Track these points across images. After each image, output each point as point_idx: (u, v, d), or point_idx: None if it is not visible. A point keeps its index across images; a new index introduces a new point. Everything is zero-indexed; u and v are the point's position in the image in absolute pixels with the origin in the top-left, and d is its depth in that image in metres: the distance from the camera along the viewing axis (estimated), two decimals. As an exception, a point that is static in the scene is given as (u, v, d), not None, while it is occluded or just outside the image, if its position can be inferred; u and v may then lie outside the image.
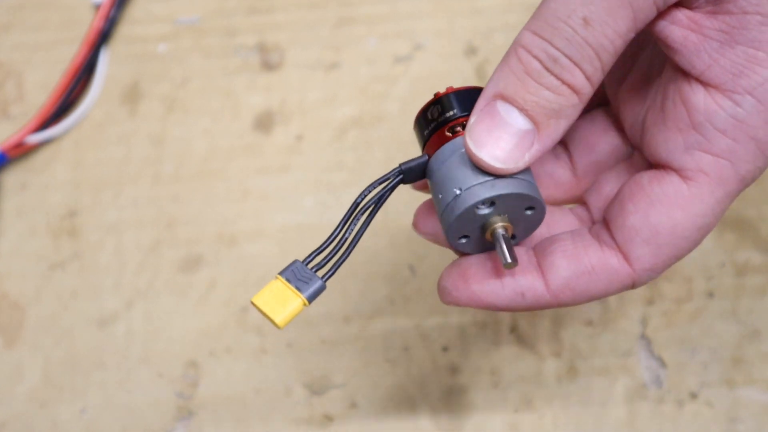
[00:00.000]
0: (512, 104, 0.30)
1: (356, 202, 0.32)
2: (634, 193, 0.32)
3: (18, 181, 0.51)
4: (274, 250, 0.49)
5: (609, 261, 0.32)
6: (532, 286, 0.32)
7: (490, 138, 0.30)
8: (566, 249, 0.32)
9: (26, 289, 0.49)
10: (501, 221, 0.32)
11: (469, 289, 0.33)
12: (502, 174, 0.31)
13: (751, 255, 0.46)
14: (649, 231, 0.31)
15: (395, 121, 0.51)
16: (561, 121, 0.30)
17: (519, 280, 0.32)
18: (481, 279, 0.33)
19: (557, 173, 0.36)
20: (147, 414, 0.46)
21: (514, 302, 0.32)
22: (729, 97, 0.30)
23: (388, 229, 0.49)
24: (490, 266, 0.33)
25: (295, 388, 0.46)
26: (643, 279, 0.32)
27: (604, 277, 0.32)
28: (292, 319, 0.31)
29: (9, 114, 0.53)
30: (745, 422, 0.43)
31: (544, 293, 0.32)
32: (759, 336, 0.45)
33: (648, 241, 0.31)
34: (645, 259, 0.32)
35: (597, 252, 0.32)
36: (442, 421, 0.45)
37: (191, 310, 0.48)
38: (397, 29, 0.53)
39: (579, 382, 0.45)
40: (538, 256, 0.33)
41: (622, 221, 0.32)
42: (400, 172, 0.33)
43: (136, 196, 0.50)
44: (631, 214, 0.32)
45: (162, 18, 0.55)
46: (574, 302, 0.33)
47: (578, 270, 0.32)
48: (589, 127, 0.36)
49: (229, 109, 0.52)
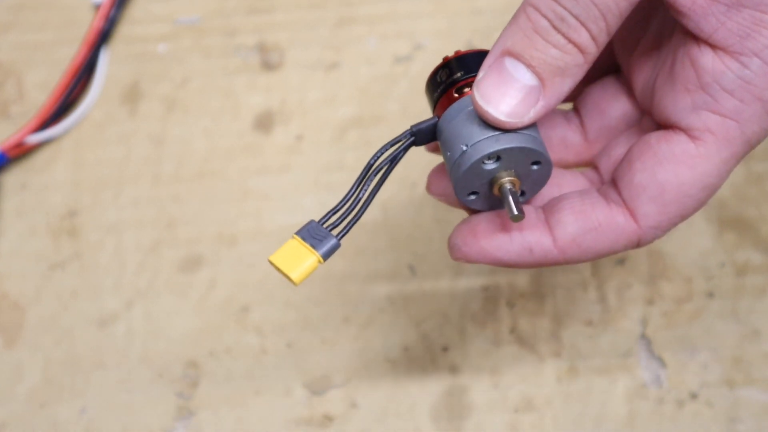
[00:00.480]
0: (520, 60, 0.31)
1: (369, 164, 0.33)
2: (642, 152, 0.33)
3: (18, 181, 0.51)
4: (274, 250, 0.49)
5: (616, 218, 0.33)
6: (539, 241, 0.33)
7: (497, 92, 0.31)
8: (574, 206, 0.33)
9: (26, 289, 0.49)
10: (508, 176, 0.32)
11: (478, 244, 0.33)
12: (508, 128, 0.32)
13: (751, 255, 0.46)
14: (656, 188, 0.32)
15: (395, 121, 0.51)
16: (566, 79, 0.31)
17: (527, 235, 0.33)
18: (490, 234, 0.33)
19: (568, 137, 0.37)
20: (147, 414, 0.46)
21: (522, 257, 0.33)
22: (736, 59, 0.31)
23: (388, 229, 0.49)
24: (499, 222, 0.34)
25: (295, 388, 0.46)
26: (649, 237, 0.33)
27: (611, 234, 0.33)
28: (307, 276, 0.32)
29: (9, 114, 0.53)
30: (745, 422, 0.43)
31: (551, 249, 0.33)
32: (759, 336, 0.45)
33: (654, 198, 0.32)
34: (651, 216, 0.32)
35: (604, 209, 0.33)
36: (442, 421, 0.45)
37: (191, 310, 0.48)
38: (397, 29, 0.53)
39: (579, 382, 0.45)
40: (546, 213, 0.34)
41: (629, 179, 0.33)
42: (412, 133, 0.34)
43: (136, 196, 0.50)
44: (639, 171, 0.32)
45: (162, 18, 0.55)
46: (580, 259, 0.33)
47: (585, 226, 0.33)
48: (600, 93, 0.37)
49: (229, 109, 0.52)
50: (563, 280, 0.47)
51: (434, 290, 0.47)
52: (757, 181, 0.48)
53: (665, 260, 0.47)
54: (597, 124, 0.37)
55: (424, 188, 0.49)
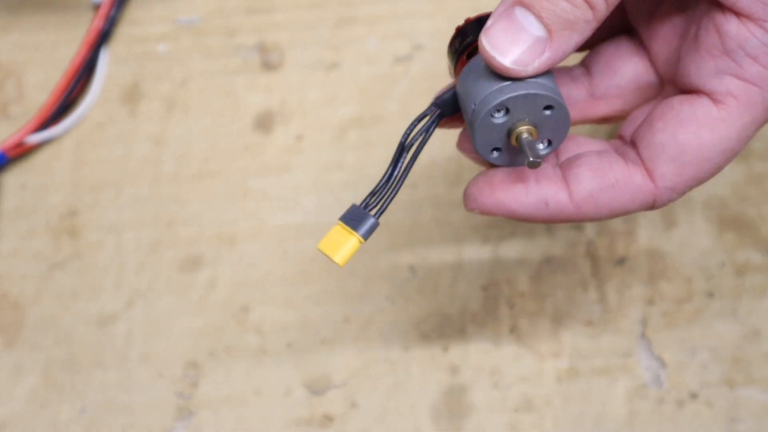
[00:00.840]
0: (530, 10, 0.32)
1: (401, 143, 0.34)
2: (664, 113, 0.33)
3: (18, 181, 0.51)
4: (274, 250, 0.49)
5: (633, 176, 0.33)
6: (555, 195, 0.33)
7: (505, 40, 0.32)
8: (592, 163, 0.34)
9: (26, 289, 0.49)
10: (522, 125, 0.33)
11: (494, 195, 0.34)
12: (513, 75, 0.32)
13: (751, 255, 0.46)
14: (676, 149, 0.32)
15: (395, 121, 0.51)
16: (574, 34, 0.32)
17: (543, 188, 0.33)
18: (506, 186, 0.34)
19: (573, 94, 0.37)
20: (147, 414, 0.46)
21: (537, 210, 0.34)
22: (761, 26, 0.31)
23: (388, 229, 0.49)
24: (516, 175, 0.34)
25: (295, 388, 0.46)
26: (664, 198, 0.33)
27: (627, 192, 0.33)
28: (350, 257, 0.33)
29: (9, 114, 0.53)
30: (745, 422, 0.43)
31: (567, 203, 0.33)
32: (759, 336, 0.45)
33: (673, 158, 0.33)
34: (668, 176, 0.33)
35: (622, 167, 0.33)
36: (442, 421, 0.45)
37: (191, 310, 0.48)
38: (397, 29, 0.53)
39: (579, 382, 0.45)
40: (564, 170, 0.34)
41: (650, 138, 0.33)
42: (436, 105, 0.34)
43: (136, 196, 0.50)
44: (660, 132, 0.33)
45: (162, 18, 0.55)
46: (595, 215, 0.34)
47: (602, 183, 0.33)
48: (613, 52, 0.38)
49: (229, 109, 0.52)
50: (563, 280, 0.47)
51: (434, 290, 0.47)
52: (757, 181, 0.48)
53: (665, 260, 0.47)
54: (607, 81, 0.37)
55: (424, 188, 0.49)
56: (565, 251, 0.47)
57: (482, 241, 0.48)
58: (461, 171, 0.50)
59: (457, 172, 0.49)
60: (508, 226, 0.48)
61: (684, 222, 0.47)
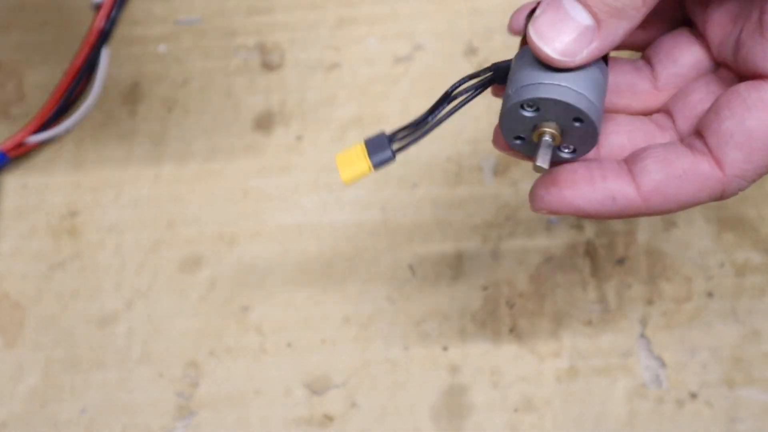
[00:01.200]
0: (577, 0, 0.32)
1: (448, 92, 0.34)
2: (730, 100, 0.33)
3: (18, 181, 0.51)
4: (274, 250, 0.49)
5: (700, 166, 0.33)
6: (622, 190, 0.33)
7: (552, 30, 0.31)
8: (658, 155, 0.33)
9: (27, 289, 0.49)
10: (548, 127, 0.32)
11: (560, 193, 0.33)
12: (560, 66, 0.32)
13: (751, 255, 0.46)
14: (744, 135, 0.32)
15: (395, 121, 0.51)
16: (622, 22, 0.31)
17: (610, 183, 0.33)
18: (572, 184, 0.33)
19: (637, 84, 0.37)
20: (147, 414, 0.46)
21: (605, 206, 0.33)
22: None
23: (388, 229, 0.49)
24: (581, 173, 0.33)
25: (295, 388, 0.46)
26: (733, 186, 0.33)
27: (695, 182, 0.33)
28: (355, 179, 0.33)
29: (9, 114, 0.53)
30: (745, 422, 0.43)
31: (635, 197, 0.33)
32: (759, 336, 0.45)
33: (741, 145, 0.32)
34: (737, 164, 0.32)
35: (689, 157, 0.33)
36: (442, 421, 0.45)
37: (191, 310, 0.48)
38: (397, 29, 0.53)
39: (579, 382, 0.45)
40: (629, 164, 0.34)
41: (717, 126, 0.33)
42: (492, 69, 0.34)
43: (137, 196, 0.51)
44: (727, 119, 0.32)
45: (162, 18, 0.55)
46: (663, 208, 0.33)
47: (669, 174, 0.33)
48: (672, 42, 0.37)
49: (229, 109, 0.52)
50: (563, 280, 0.47)
51: (434, 290, 0.47)
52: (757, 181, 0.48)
53: (665, 260, 0.47)
54: (668, 71, 0.37)
55: (424, 188, 0.49)
56: (565, 251, 0.47)
57: (482, 241, 0.48)
58: (461, 171, 0.50)
59: (457, 172, 0.50)
60: (508, 226, 0.48)
61: (683, 222, 0.47)
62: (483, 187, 0.49)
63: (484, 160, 0.50)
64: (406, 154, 0.34)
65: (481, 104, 0.51)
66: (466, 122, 0.50)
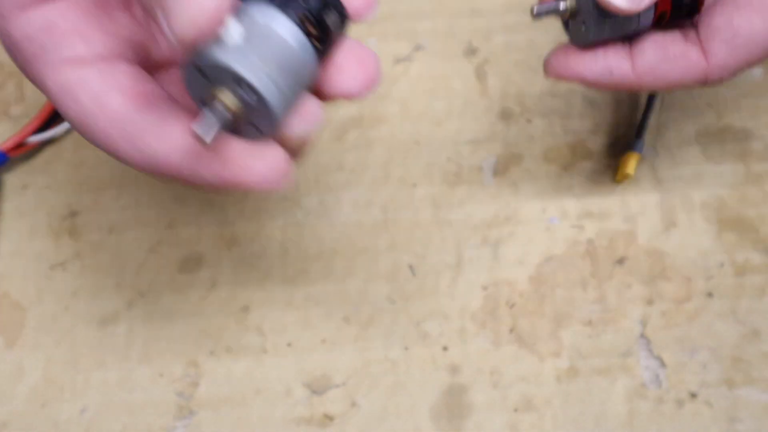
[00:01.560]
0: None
1: None
2: (725, 1, 0.37)
3: (19, 181, 0.51)
4: (274, 250, 0.49)
5: (689, 53, 0.37)
6: (620, 65, 0.38)
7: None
8: (656, 40, 0.38)
9: (27, 289, 0.49)
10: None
11: (567, 63, 0.39)
12: (627, 14, 0.36)
13: (751, 255, 0.46)
14: (730, 32, 0.37)
15: (395, 121, 0.51)
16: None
17: (610, 58, 0.38)
18: (578, 56, 0.39)
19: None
20: (147, 414, 0.46)
21: (603, 77, 0.38)
22: None
23: (388, 229, 0.49)
24: (588, 49, 0.39)
25: (295, 387, 0.46)
26: (715, 75, 0.37)
27: (683, 65, 0.38)
28: None
29: (10, 114, 0.53)
30: (745, 422, 0.43)
31: (629, 73, 0.38)
32: (759, 336, 0.45)
33: (727, 40, 0.37)
34: (720, 56, 0.37)
35: (681, 44, 0.38)
36: (442, 421, 0.45)
37: (191, 310, 0.48)
38: (397, 29, 0.53)
39: (579, 382, 0.45)
40: (632, 45, 0.38)
41: (708, 21, 0.37)
42: None
43: (137, 196, 0.51)
44: (718, 15, 0.37)
45: (162, 18, 0.55)
46: (653, 85, 0.38)
47: (662, 56, 0.38)
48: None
49: (230, 109, 0.52)
50: (563, 280, 0.47)
51: (434, 290, 0.47)
52: (757, 181, 0.48)
53: (665, 260, 0.47)
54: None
55: (424, 188, 0.49)
56: (565, 251, 0.47)
57: (482, 241, 0.48)
58: (461, 171, 0.50)
59: (457, 172, 0.50)
60: (507, 226, 0.48)
61: (683, 222, 0.47)
62: (483, 187, 0.49)
63: (484, 160, 0.50)
64: (406, 153, 0.34)
65: (481, 104, 0.51)
66: (466, 122, 0.50)
